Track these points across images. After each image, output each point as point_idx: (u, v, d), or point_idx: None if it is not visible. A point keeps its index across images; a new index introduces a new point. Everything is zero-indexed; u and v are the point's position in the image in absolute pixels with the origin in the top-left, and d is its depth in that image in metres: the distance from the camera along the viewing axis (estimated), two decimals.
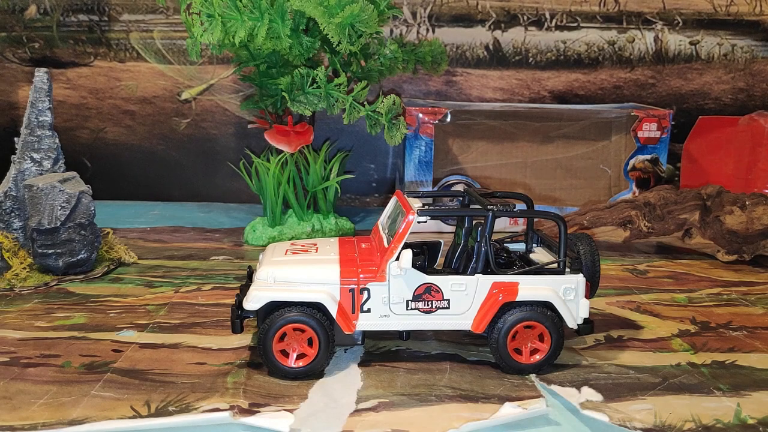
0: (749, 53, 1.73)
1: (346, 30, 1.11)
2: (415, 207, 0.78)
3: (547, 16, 1.70)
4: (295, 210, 1.36)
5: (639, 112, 1.50)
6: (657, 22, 1.72)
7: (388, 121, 1.20)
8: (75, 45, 1.68)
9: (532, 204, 0.91)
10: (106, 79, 1.69)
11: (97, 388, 0.73)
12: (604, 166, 1.56)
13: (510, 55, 1.72)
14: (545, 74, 1.73)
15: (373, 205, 1.75)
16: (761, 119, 1.47)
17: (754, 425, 0.68)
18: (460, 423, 0.66)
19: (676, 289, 1.11)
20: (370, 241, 0.86)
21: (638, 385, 0.76)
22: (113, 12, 1.66)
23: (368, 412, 0.69)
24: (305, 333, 0.76)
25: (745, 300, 1.07)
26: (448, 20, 1.69)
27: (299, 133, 1.30)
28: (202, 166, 1.72)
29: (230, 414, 0.67)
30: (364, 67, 1.31)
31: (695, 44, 1.73)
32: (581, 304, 0.79)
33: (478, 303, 0.78)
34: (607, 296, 1.06)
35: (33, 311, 0.96)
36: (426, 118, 1.45)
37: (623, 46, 1.72)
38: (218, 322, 0.93)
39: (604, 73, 1.73)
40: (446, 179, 1.52)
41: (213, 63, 1.68)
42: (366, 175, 1.74)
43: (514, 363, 0.78)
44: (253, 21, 1.11)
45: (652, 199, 1.29)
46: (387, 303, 0.77)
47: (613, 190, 1.55)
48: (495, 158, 1.57)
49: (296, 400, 0.72)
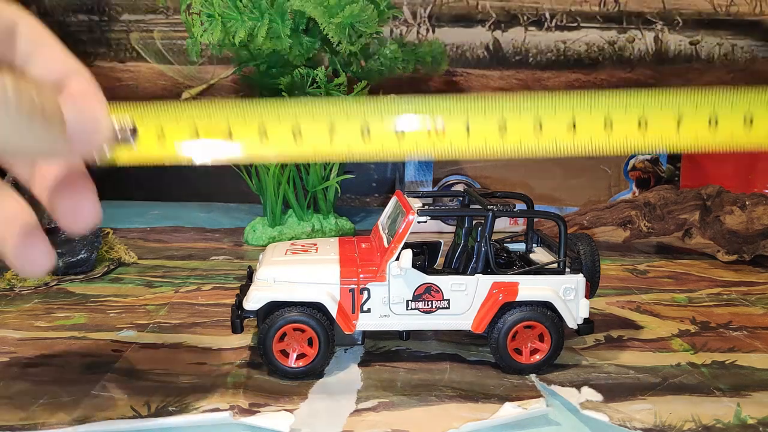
0: (749, 53, 1.73)
1: (346, 30, 1.11)
2: (415, 207, 0.78)
3: (547, 16, 1.71)
4: (295, 210, 1.36)
5: None
6: (657, 22, 1.72)
7: None
8: (75, 45, 1.67)
9: (532, 204, 0.91)
10: (106, 79, 1.68)
11: (97, 388, 0.73)
12: (604, 166, 1.56)
13: (510, 55, 1.72)
14: (545, 74, 1.73)
15: (373, 205, 1.75)
16: None
17: (754, 425, 0.68)
18: (460, 423, 0.66)
19: (676, 289, 1.11)
20: (370, 241, 0.86)
21: (638, 385, 0.76)
22: (113, 12, 1.66)
23: (368, 412, 0.69)
24: (305, 333, 0.76)
25: (745, 300, 1.07)
26: (448, 20, 1.69)
27: None
28: (202, 166, 1.72)
29: (230, 414, 0.67)
30: (364, 67, 1.31)
31: (695, 44, 1.73)
32: (581, 304, 0.79)
33: (478, 303, 0.78)
34: (607, 296, 1.06)
35: (33, 311, 0.96)
36: None
37: (623, 46, 1.72)
38: (218, 322, 0.93)
39: (604, 73, 1.73)
40: (446, 179, 1.52)
41: (213, 63, 1.68)
42: (366, 175, 1.74)
43: (514, 363, 0.78)
44: (253, 21, 1.11)
45: (652, 199, 1.29)
46: (387, 303, 0.77)
47: (613, 190, 1.55)
48: (495, 158, 1.57)
49: (296, 400, 0.72)
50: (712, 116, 0.53)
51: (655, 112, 0.53)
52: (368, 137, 0.52)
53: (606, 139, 0.54)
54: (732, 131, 0.53)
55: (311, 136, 0.53)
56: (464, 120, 0.54)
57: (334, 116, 0.53)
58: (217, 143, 0.54)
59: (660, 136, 0.53)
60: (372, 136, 0.52)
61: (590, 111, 0.54)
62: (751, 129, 0.53)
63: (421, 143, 0.53)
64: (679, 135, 0.53)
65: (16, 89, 0.48)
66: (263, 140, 0.53)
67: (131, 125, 0.55)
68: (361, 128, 0.52)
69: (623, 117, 0.53)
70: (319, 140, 0.52)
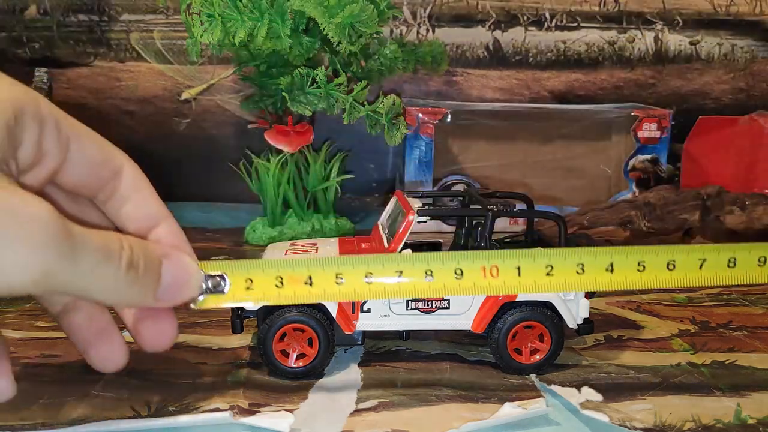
0: (749, 53, 1.73)
1: (346, 30, 1.11)
2: (415, 207, 0.78)
3: (547, 16, 1.71)
4: (295, 210, 1.36)
5: (639, 112, 1.50)
6: (657, 22, 1.72)
7: (388, 121, 1.20)
8: (75, 45, 1.68)
9: (532, 204, 0.91)
10: (106, 79, 1.69)
11: (97, 388, 0.73)
12: (604, 166, 1.56)
13: (510, 55, 1.72)
14: (545, 74, 1.73)
15: (373, 205, 1.75)
16: (761, 119, 1.47)
17: (754, 425, 0.68)
18: (460, 423, 0.66)
19: (676, 289, 1.11)
20: (370, 241, 0.86)
21: (638, 385, 0.76)
22: (113, 12, 1.66)
23: (368, 412, 0.69)
24: (305, 333, 0.76)
25: (745, 300, 1.07)
26: (448, 20, 1.69)
27: (299, 133, 1.30)
28: (202, 166, 1.72)
29: (230, 414, 0.67)
30: (364, 67, 1.31)
31: (695, 44, 1.73)
32: (581, 304, 0.79)
33: (478, 303, 0.78)
34: (607, 296, 1.06)
35: (33, 311, 0.96)
36: (426, 118, 1.45)
37: (623, 46, 1.72)
38: (218, 322, 0.93)
39: (604, 73, 1.73)
40: (446, 179, 1.52)
41: (213, 63, 1.68)
42: (366, 175, 1.74)
43: (514, 363, 0.78)
44: (253, 21, 1.11)
45: (652, 199, 1.29)
46: (387, 303, 0.77)
47: (613, 190, 1.55)
48: (495, 158, 1.57)
49: (296, 400, 0.72)
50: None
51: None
52: (432, 279, 0.66)
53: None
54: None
55: (380, 279, 0.66)
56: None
57: (402, 264, 0.66)
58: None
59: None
60: (435, 278, 0.66)
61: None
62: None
63: (478, 284, 0.66)
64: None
65: (132, 254, 0.56)
66: (338, 282, 0.65)
67: (222, 279, 0.64)
68: (425, 272, 0.66)
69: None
70: (387, 281, 0.66)
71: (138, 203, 0.65)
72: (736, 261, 0.67)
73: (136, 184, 0.65)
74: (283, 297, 0.65)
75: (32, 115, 0.55)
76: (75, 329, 0.65)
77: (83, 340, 0.65)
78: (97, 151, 0.62)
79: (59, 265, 0.50)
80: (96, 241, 0.53)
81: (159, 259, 0.59)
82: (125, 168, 0.64)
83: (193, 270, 0.62)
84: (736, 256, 0.67)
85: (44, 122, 0.57)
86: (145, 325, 0.64)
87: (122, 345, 0.66)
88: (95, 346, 0.65)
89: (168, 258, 0.60)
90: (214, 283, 0.63)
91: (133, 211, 0.65)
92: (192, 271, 0.62)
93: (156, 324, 0.65)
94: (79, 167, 0.61)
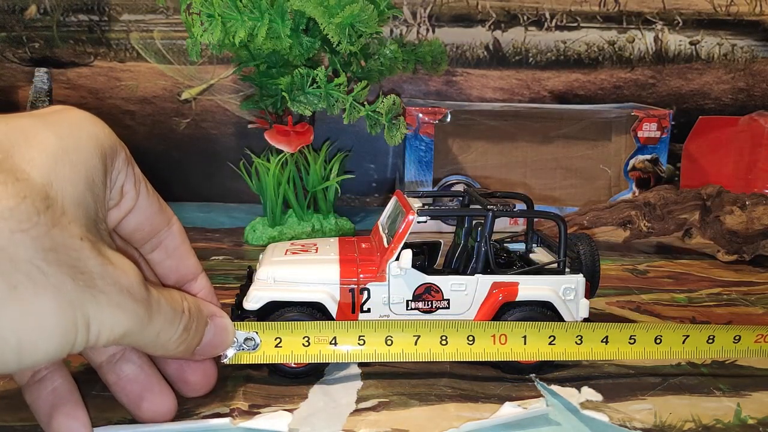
0: (749, 53, 1.73)
1: (346, 30, 1.11)
2: (415, 207, 0.78)
3: (547, 16, 1.71)
4: (295, 210, 1.36)
5: (639, 112, 1.50)
6: (657, 22, 1.72)
7: (388, 121, 1.20)
8: (75, 45, 1.68)
9: (532, 204, 0.91)
10: (106, 79, 1.69)
11: (98, 388, 0.73)
12: (604, 166, 1.56)
13: (510, 55, 1.72)
14: (545, 74, 1.73)
15: (373, 205, 1.75)
16: (761, 119, 1.47)
17: (754, 425, 0.68)
18: (460, 423, 0.66)
19: (676, 289, 1.11)
20: (370, 241, 0.86)
21: (638, 385, 0.76)
22: (113, 12, 1.66)
23: (368, 412, 0.69)
24: None
25: (745, 300, 1.07)
26: (448, 20, 1.69)
27: (299, 133, 1.30)
28: (202, 166, 1.72)
29: (229, 420, 0.66)
30: (364, 67, 1.31)
31: (695, 44, 1.73)
32: (581, 304, 0.79)
33: (478, 303, 0.78)
34: (607, 296, 1.06)
35: None
36: (426, 118, 1.45)
37: (623, 46, 1.72)
38: None
39: (604, 73, 1.73)
40: (446, 179, 1.52)
41: (213, 63, 1.68)
42: (366, 175, 1.74)
43: (514, 363, 0.78)
44: (253, 21, 1.11)
45: (652, 199, 1.29)
46: (387, 303, 0.77)
47: (613, 190, 1.55)
48: (495, 158, 1.57)
49: (296, 400, 0.72)
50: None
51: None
52: (446, 345, 0.73)
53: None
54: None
55: (399, 344, 0.73)
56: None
57: (419, 329, 0.73)
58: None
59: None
60: (450, 344, 0.73)
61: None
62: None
63: (488, 350, 0.74)
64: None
65: (189, 317, 0.60)
66: (360, 343, 0.73)
67: (254, 337, 0.70)
68: (440, 338, 0.73)
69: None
70: (405, 345, 0.73)
71: (182, 256, 0.68)
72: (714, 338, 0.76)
73: (182, 237, 0.68)
74: (309, 356, 0.72)
75: (123, 158, 0.59)
76: (124, 381, 0.64)
77: (132, 392, 0.64)
78: (156, 199, 0.64)
79: (137, 327, 0.53)
80: (166, 304, 0.57)
81: (206, 320, 0.64)
82: (174, 220, 0.67)
83: (231, 331, 0.68)
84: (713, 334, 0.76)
85: (131, 165, 0.60)
86: (192, 369, 0.68)
87: (171, 392, 0.66)
88: (148, 398, 0.64)
89: (212, 319, 0.65)
90: (247, 342, 0.70)
91: (176, 264, 0.68)
92: (230, 332, 0.68)
93: (202, 367, 0.69)
94: (141, 212, 0.63)
